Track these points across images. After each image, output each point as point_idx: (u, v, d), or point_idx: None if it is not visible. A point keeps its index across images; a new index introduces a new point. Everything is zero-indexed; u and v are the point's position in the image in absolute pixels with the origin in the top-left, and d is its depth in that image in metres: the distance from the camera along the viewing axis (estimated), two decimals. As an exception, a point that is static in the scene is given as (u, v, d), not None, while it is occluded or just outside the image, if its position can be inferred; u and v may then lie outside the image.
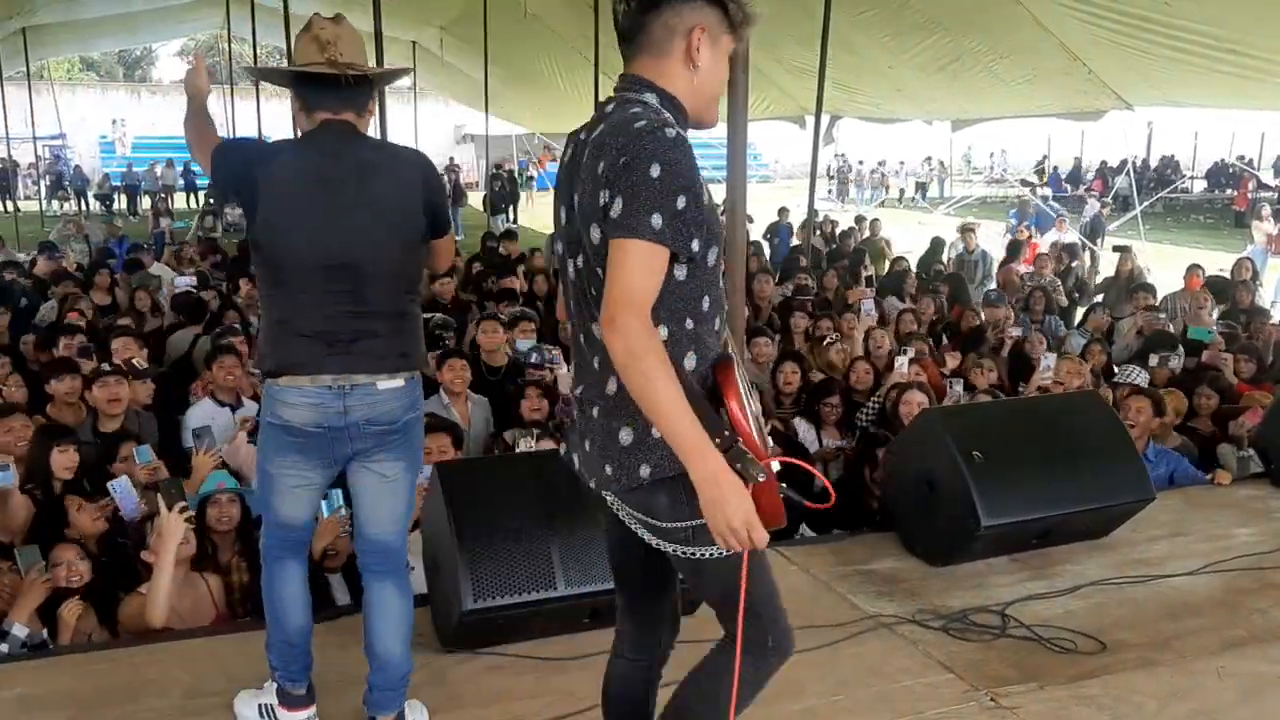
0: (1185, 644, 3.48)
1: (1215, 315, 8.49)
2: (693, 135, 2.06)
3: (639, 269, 1.89)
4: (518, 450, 4.62)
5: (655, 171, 1.88)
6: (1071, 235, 15.91)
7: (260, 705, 2.97)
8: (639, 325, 1.86)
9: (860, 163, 34.38)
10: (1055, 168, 34.48)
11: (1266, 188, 25.26)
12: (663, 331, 1.96)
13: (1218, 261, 11.53)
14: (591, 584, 3.32)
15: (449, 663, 3.34)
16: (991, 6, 11.11)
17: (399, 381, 2.69)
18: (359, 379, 2.64)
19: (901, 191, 34.10)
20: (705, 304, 2.03)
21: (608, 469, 2.06)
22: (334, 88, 2.62)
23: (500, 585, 3.23)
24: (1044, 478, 4.04)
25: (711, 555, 2.00)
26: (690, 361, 2.02)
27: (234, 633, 3.53)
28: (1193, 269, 9.54)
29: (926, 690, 3.21)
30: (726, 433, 1.92)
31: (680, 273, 1.98)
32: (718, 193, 2.80)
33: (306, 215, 2.59)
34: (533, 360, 5.94)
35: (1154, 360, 6.40)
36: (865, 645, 3.49)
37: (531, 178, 31.47)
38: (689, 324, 2.01)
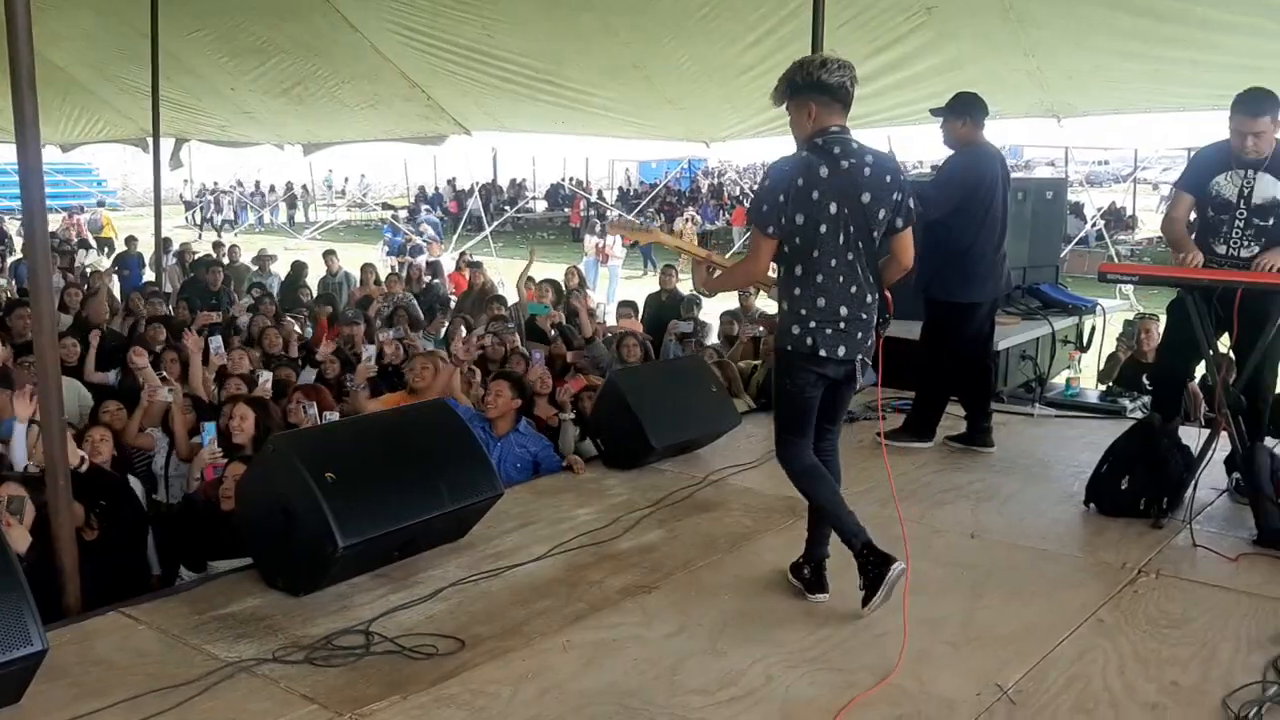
0: (534, 626, 3.72)
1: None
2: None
3: None
4: None
5: None
6: (448, 256, 16.83)
7: None
8: None
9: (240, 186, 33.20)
10: (436, 190, 35.89)
11: (595, 206, 28.49)
12: None
13: (559, 272, 12.73)
14: None
15: None
16: (329, 33, 11.20)
17: None
18: None
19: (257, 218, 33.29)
20: None
21: (869, 343, 3.75)
22: None
23: None
24: (399, 489, 4.09)
25: None
26: None
27: None
28: (530, 282, 10.47)
29: (287, 728, 3.07)
30: None
31: None
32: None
33: None
34: None
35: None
36: (222, 696, 3.25)
37: None
38: None
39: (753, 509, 4.94)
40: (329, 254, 13.83)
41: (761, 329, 9.97)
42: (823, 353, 3.68)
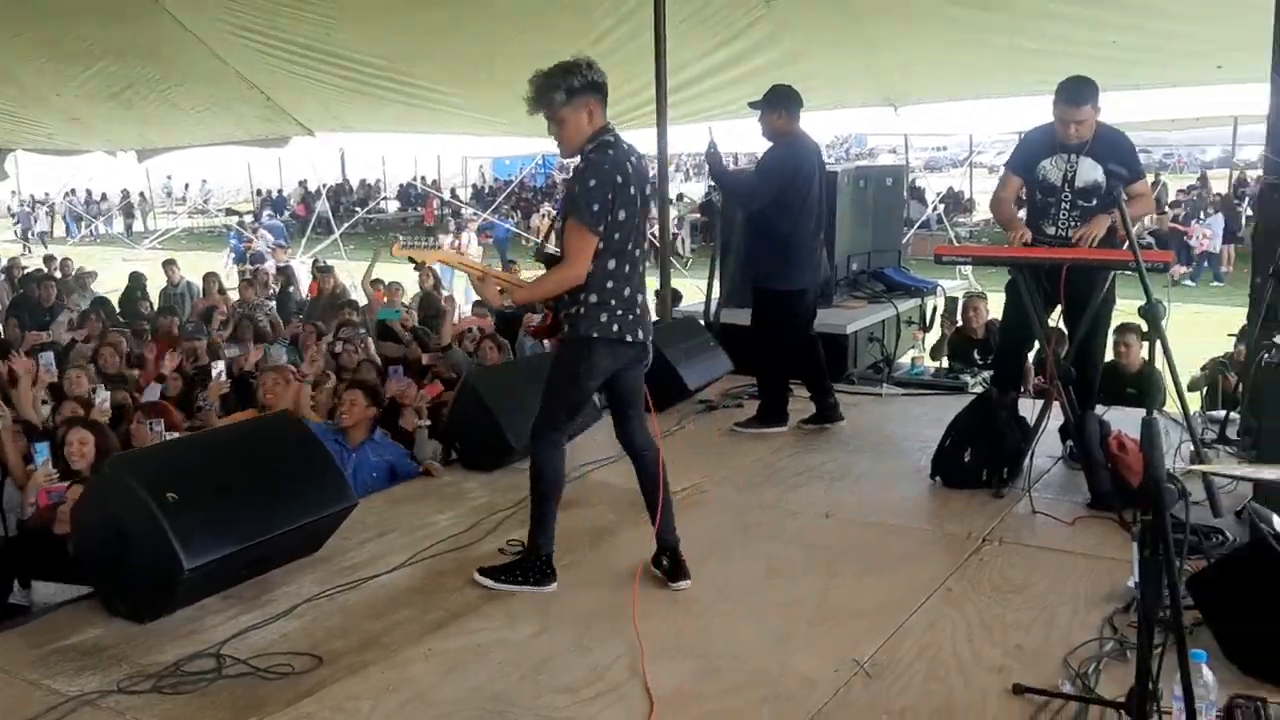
0: (394, 637, 3.65)
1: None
2: None
3: None
4: None
5: None
6: (298, 260, 16.33)
7: None
8: None
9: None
10: (280, 193, 34.71)
11: (449, 204, 28.11)
12: None
13: (413, 274, 12.51)
14: None
15: None
16: (159, 34, 10.73)
17: None
18: None
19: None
20: None
21: (651, 325, 3.99)
22: None
23: None
24: (247, 505, 3.94)
25: None
26: None
27: None
28: (378, 283, 10.27)
29: (133, 763, 2.94)
30: None
31: None
32: None
33: None
34: None
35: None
36: (63, 733, 3.10)
37: None
38: None
39: (615, 503, 4.96)
40: (169, 264, 13.30)
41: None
42: (629, 337, 3.85)
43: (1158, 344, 3.87)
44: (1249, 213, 19.42)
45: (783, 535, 4.57)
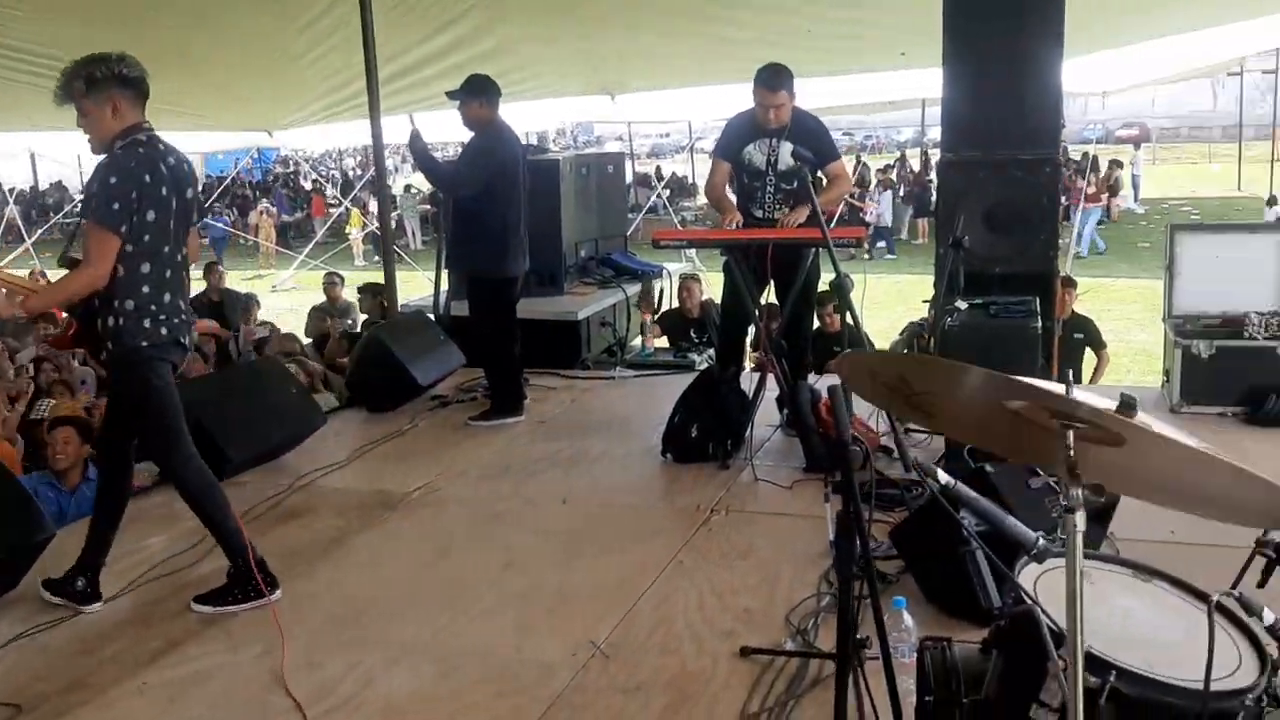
0: (105, 674, 3.38)
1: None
2: None
3: None
4: None
5: None
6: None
7: None
8: None
9: None
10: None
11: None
12: None
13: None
14: None
15: None
16: None
17: None
18: None
19: None
20: None
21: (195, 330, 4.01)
22: None
23: None
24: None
25: None
26: None
27: None
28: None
29: None
30: None
31: None
32: None
33: None
34: None
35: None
36: None
37: None
38: None
39: (345, 509, 4.81)
40: None
41: (349, 321, 9.75)
42: (181, 339, 3.74)
43: (852, 315, 4.14)
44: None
45: (521, 525, 4.58)
